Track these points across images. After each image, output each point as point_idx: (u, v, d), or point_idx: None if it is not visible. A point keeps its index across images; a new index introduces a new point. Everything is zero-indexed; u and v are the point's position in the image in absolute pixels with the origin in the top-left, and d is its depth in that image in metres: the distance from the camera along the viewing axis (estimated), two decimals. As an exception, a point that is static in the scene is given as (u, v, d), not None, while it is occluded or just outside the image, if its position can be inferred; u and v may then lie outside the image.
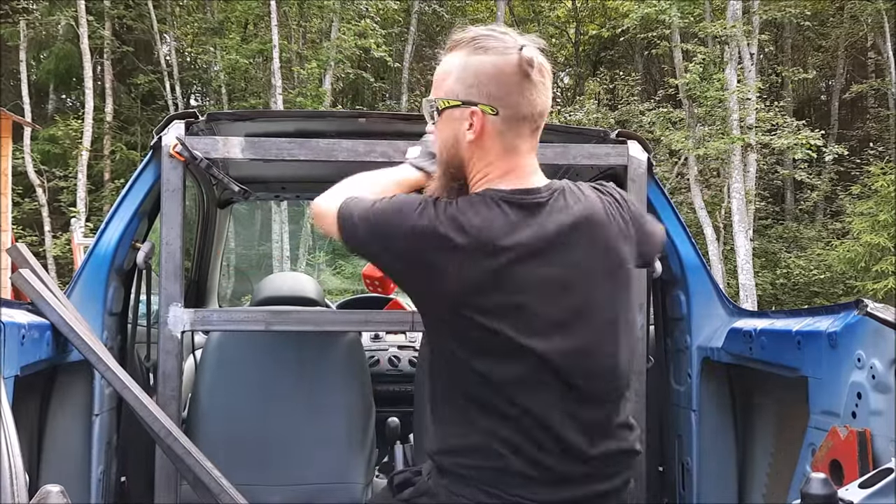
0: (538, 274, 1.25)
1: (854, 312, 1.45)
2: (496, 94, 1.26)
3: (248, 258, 13.78)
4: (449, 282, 1.23)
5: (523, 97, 1.27)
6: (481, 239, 1.23)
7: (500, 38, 1.27)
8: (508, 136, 1.29)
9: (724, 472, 2.04)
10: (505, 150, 1.30)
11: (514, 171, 1.30)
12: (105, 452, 1.88)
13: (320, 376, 2.19)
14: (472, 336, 1.25)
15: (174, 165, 1.85)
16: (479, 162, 1.31)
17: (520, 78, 1.26)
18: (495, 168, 1.30)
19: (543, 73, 1.28)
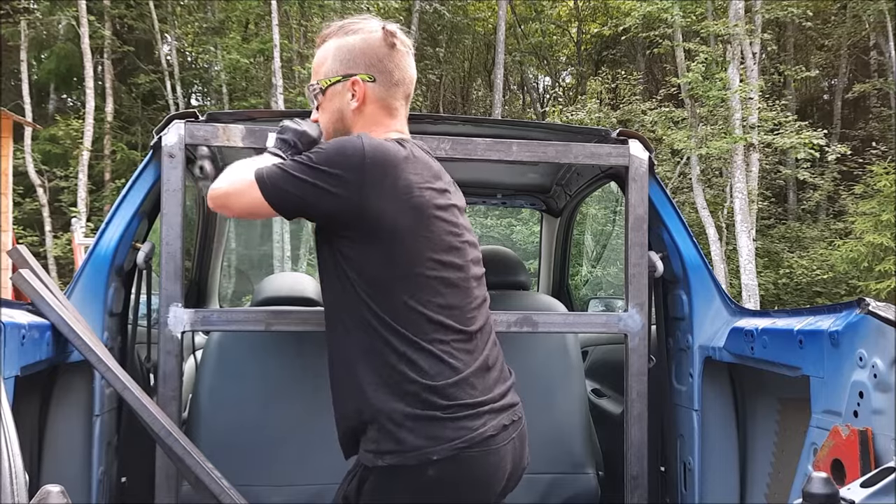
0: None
1: (856, 311, 1.45)
2: (370, 63, 1.48)
3: (249, 258, 13.77)
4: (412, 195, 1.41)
5: (393, 64, 1.49)
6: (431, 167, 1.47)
7: (364, 22, 1.52)
8: (387, 99, 1.50)
9: (725, 471, 2.04)
10: (386, 113, 1.50)
11: (396, 132, 1.50)
12: (105, 453, 1.88)
13: (321, 376, 2.18)
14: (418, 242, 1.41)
15: (174, 165, 1.85)
16: (363, 128, 1.48)
17: (388, 48, 1.49)
18: (380, 131, 1.48)
19: (406, 44, 1.52)
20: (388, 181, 1.35)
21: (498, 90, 19.11)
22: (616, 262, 11.31)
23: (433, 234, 1.40)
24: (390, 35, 1.48)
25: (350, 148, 1.36)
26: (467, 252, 1.47)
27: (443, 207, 1.43)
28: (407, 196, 1.37)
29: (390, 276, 1.37)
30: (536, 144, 1.94)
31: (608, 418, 2.60)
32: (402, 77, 1.50)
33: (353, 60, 1.48)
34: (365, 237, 1.37)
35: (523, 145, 1.92)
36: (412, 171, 1.39)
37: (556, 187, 3.14)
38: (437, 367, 1.36)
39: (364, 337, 1.39)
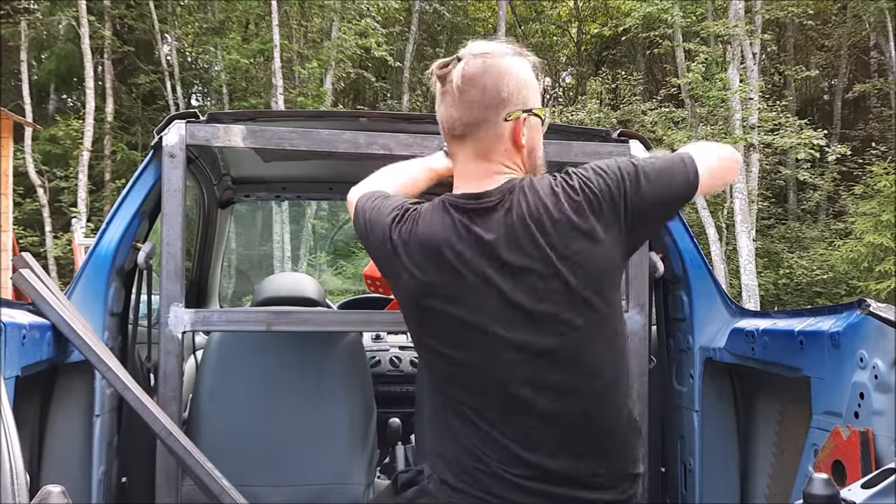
0: (478, 278, 1.27)
1: (856, 312, 1.45)
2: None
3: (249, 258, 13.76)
4: (404, 280, 1.32)
5: (437, 108, 1.35)
6: (421, 243, 1.30)
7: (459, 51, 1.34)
8: (448, 143, 1.38)
9: (726, 472, 2.04)
10: (452, 155, 1.38)
11: (461, 176, 1.36)
12: (106, 453, 1.88)
13: (321, 377, 2.19)
14: (438, 325, 1.31)
15: (175, 165, 1.85)
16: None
17: (437, 89, 1.34)
18: (455, 172, 1.38)
19: (449, 82, 1.30)
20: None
21: (498, 90, 19.05)
22: (616, 263, 11.27)
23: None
24: (437, 70, 1.34)
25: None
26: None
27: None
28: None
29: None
30: None
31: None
32: (442, 120, 1.35)
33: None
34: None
35: None
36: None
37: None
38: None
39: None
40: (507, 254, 1.25)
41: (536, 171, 1.37)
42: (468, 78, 1.28)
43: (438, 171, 1.57)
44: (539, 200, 1.26)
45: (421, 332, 1.35)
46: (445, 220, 1.29)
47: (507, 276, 1.25)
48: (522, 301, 1.25)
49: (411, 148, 1.87)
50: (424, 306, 1.30)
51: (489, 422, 1.28)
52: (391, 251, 1.32)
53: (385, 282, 3.04)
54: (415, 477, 1.47)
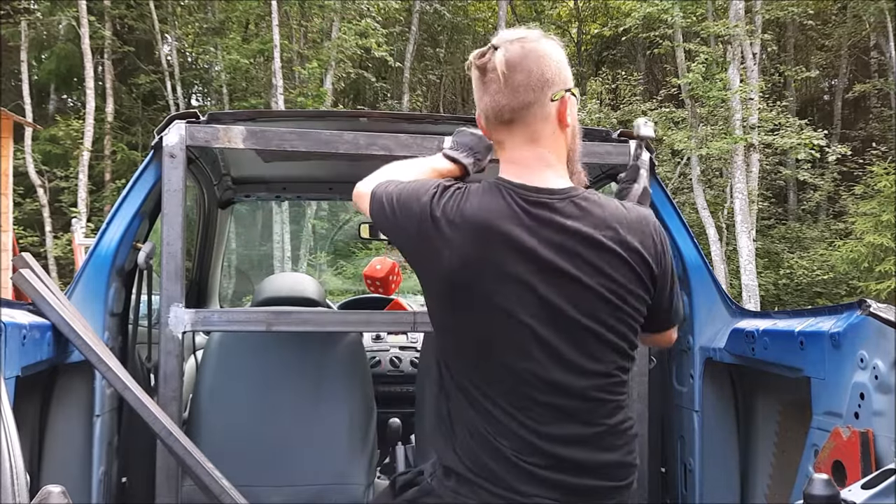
0: (523, 267, 1.28)
1: (857, 313, 1.45)
2: (475, 98, 1.37)
3: (250, 258, 13.76)
4: (445, 256, 1.29)
5: (481, 97, 1.35)
6: (471, 222, 1.28)
7: (492, 40, 1.35)
8: (492, 133, 1.37)
9: (726, 472, 2.03)
10: (498, 146, 1.38)
11: (512, 162, 1.35)
12: (106, 453, 1.88)
13: (321, 377, 2.19)
14: (471, 304, 1.29)
15: (175, 166, 1.85)
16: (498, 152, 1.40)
17: (476, 78, 1.35)
18: (504, 163, 1.37)
19: (493, 69, 1.31)
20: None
21: (498, 90, 19.05)
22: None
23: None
24: (477, 59, 1.34)
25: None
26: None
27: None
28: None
29: None
30: None
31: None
32: (488, 109, 1.35)
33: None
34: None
35: None
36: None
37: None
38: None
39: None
40: (558, 256, 1.27)
41: (575, 151, 1.40)
42: (512, 63, 1.29)
43: (441, 172, 1.58)
44: (601, 220, 1.30)
45: (450, 313, 1.33)
46: (500, 203, 1.30)
47: (552, 276, 1.27)
48: (560, 304, 1.27)
49: (411, 148, 1.87)
50: (462, 283, 1.29)
51: (506, 412, 1.29)
52: (432, 226, 1.30)
53: (385, 282, 3.05)
54: (414, 478, 1.47)
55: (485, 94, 1.33)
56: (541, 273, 1.27)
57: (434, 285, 1.34)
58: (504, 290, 1.27)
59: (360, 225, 3.34)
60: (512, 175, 1.33)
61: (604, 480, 1.32)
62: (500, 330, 1.28)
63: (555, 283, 1.27)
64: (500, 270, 1.27)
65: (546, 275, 1.27)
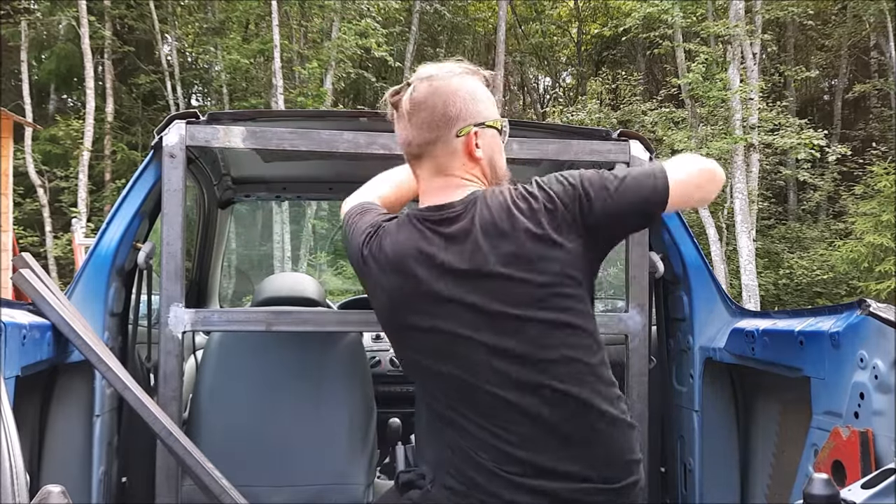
0: (446, 286, 1.32)
1: (857, 312, 1.45)
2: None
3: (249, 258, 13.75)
4: (378, 296, 1.40)
5: (397, 131, 1.43)
6: (391, 259, 1.36)
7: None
8: (410, 164, 1.45)
9: (726, 472, 2.04)
10: (415, 175, 1.45)
11: (425, 192, 1.42)
12: (106, 453, 1.88)
13: (321, 377, 2.19)
14: (415, 338, 1.36)
15: (175, 165, 1.85)
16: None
17: (392, 115, 1.43)
18: (419, 190, 1.45)
19: (399, 107, 1.40)
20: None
21: (498, 90, 19.09)
22: (616, 263, 11.31)
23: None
24: (391, 97, 1.44)
25: None
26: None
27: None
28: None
29: None
30: (537, 142, 1.94)
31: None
32: (400, 143, 1.44)
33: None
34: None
35: (524, 143, 1.92)
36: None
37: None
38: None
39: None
40: (472, 261, 1.30)
41: (500, 180, 1.43)
42: (416, 102, 1.37)
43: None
44: (500, 208, 1.31)
45: (402, 348, 1.41)
46: (412, 233, 1.36)
47: (472, 282, 1.30)
48: (489, 305, 1.29)
49: (411, 148, 1.86)
50: (400, 321, 1.36)
51: (478, 425, 1.31)
52: (365, 269, 1.40)
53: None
54: (416, 480, 1.49)
55: (397, 128, 1.42)
56: (462, 282, 1.30)
57: (381, 321, 1.43)
58: (436, 310, 1.32)
59: (360, 225, 3.34)
60: (423, 203, 1.41)
61: (590, 483, 1.28)
62: (446, 349, 1.32)
63: (479, 287, 1.30)
64: (427, 292, 1.32)
65: (467, 282, 1.30)
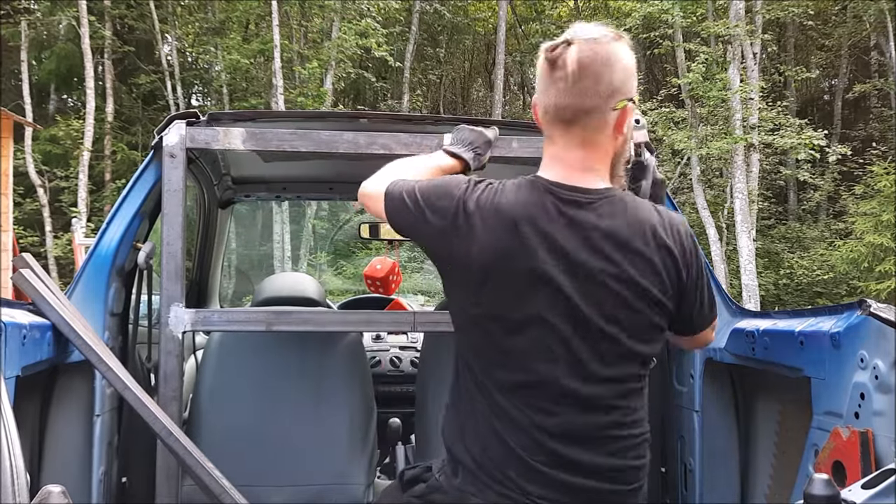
0: (550, 264, 1.28)
1: (857, 313, 1.44)
2: (536, 87, 1.34)
3: (250, 258, 13.76)
4: (474, 249, 1.29)
5: (543, 90, 1.32)
6: (505, 217, 1.28)
7: (566, 33, 1.32)
8: (544, 126, 1.35)
9: (726, 472, 2.03)
10: (546, 140, 1.36)
11: (558, 161, 1.34)
12: (106, 453, 1.88)
13: (322, 377, 2.19)
14: (496, 296, 1.29)
15: (175, 166, 1.85)
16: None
17: (543, 71, 1.31)
18: (546, 158, 1.36)
19: (563, 67, 1.27)
20: None
21: (498, 90, 19.11)
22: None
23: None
24: (548, 52, 1.30)
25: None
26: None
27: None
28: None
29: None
30: (537, 140, 1.94)
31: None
32: (548, 104, 1.32)
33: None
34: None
35: (524, 142, 1.92)
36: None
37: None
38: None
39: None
40: (586, 258, 1.28)
41: (623, 156, 1.40)
42: (583, 64, 1.26)
43: (444, 169, 1.59)
44: (638, 224, 1.31)
45: (477, 308, 1.32)
46: (535, 199, 1.30)
47: (578, 278, 1.28)
48: (584, 307, 1.28)
49: (411, 147, 1.87)
50: (492, 277, 1.29)
51: (518, 408, 1.30)
52: (464, 220, 1.30)
53: (385, 282, 3.04)
54: (421, 474, 1.47)
55: (550, 88, 1.30)
56: (569, 272, 1.28)
57: (462, 280, 1.33)
58: (533, 288, 1.28)
59: (361, 225, 3.35)
60: (552, 174, 1.33)
61: (608, 483, 1.32)
62: (526, 328, 1.29)
63: (581, 284, 1.28)
64: (531, 267, 1.28)
65: (573, 274, 1.28)
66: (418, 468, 1.50)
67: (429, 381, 2.31)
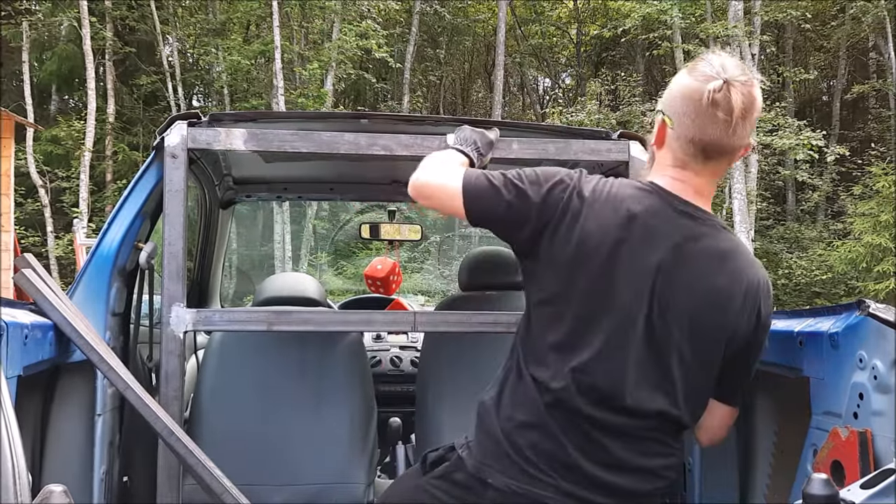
0: (651, 263, 1.36)
1: (856, 313, 1.45)
2: (677, 112, 1.41)
3: (251, 258, 13.77)
4: (577, 231, 1.37)
5: (695, 122, 1.38)
6: (620, 204, 1.37)
7: (711, 65, 1.39)
8: (678, 151, 1.43)
9: (725, 472, 2.04)
10: (674, 161, 1.44)
11: (677, 180, 1.43)
12: (107, 452, 1.88)
13: (322, 376, 2.19)
14: (589, 279, 1.36)
15: (177, 166, 1.85)
16: (657, 164, 1.48)
17: (701, 106, 1.37)
18: (666, 174, 1.45)
19: (730, 110, 1.35)
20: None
21: (498, 91, 19.11)
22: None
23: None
24: (711, 98, 1.35)
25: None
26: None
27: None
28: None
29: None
30: (537, 142, 1.95)
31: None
32: (698, 137, 1.39)
33: (670, 101, 1.45)
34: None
35: (524, 143, 1.93)
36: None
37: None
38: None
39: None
40: (685, 266, 1.37)
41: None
42: (746, 111, 1.36)
43: (464, 165, 1.63)
44: (732, 256, 1.43)
45: (564, 280, 1.38)
46: (652, 199, 1.40)
47: (670, 280, 1.36)
48: (662, 315, 1.36)
49: (412, 148, 1.87)
50: (594, 255, 1.36)
51: (555, 394, 1.37)
52: (577, 201, 1.38)
53: (386, 281, 3.05)
54: (445, 454, 1.50)
55: (707, 125, 1.37)
56: (663, 275, 1.35)
57: (558, 254, 1.39)
58: (628, 277, 1.35)
59: (361, 225, 3.35)
60: (667, 185, 1.42)
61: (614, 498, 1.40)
62: (605, 310, 1.36)
63: (670, 293, 1.35)
64: (633, 257, 1.35)
65: (667, 279, 1.35)
66: (441, 449, 1.54)
67: (429, 380, 2.31)
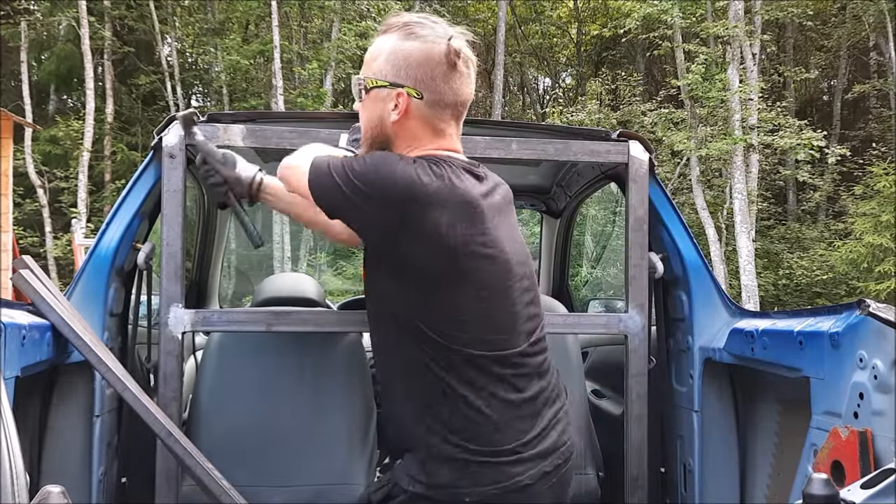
0: (501, 231, 1.40)
1: (856, 313, 1.45)
2: (422, 79, 1.36)
3: (249, 259, 13.76)
4: (451, 234, 1.30)
5: (448, 85, 1.37)
6: (454, 187, 1.33)
7: (430, 27, 1.38)
8: (433, 120, 1.39)
9: (725, 472, 2.04)
10: (433, 132, 1.40)
11: (453, 147, 1.43)
12: (106, 453, 1.88)
13: (321, 377, 2.19)
14: (470, 266, 1.33)
15: (175, 166, 1.85)
16: (404, 141, 1.40)
17: (446, 67, 1.35)
18: (425, 147, 1.40)
19: (469, 64, 1.39)
20: (414, 222, 1.29)
21: (498, 91, 19.11)
22: (616, 263, 11.31)
23: (469, 276, 1.33)
24: (454, 53, 1.34)
25: (387, 176, 1.31)
26: (514, 289, 1.39)
27: (478, 243, 1.34)
28: (436, 238, 1.29)
29: (426, 316, 1.34)
30: (536, 142, 1.95)
31: (608, 419, 2.60)
32: (453, 100, 1.38)
33: (405, 70, 1.36)
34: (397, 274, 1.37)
35: (523, 143, 1.92)
36: (441, 208, 1.29)
37: (556, 188, 3.14)
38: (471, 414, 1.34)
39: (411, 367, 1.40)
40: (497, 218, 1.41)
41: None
42: (472, 57, 1.40)
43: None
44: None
45: (464, 286, 1.33)
46: (471, 180, 1.38)
47: (504, 235, 1.42)
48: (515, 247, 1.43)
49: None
50: (468, 256, 1.34)
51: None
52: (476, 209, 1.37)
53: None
54: (390, 491, 1.44)
55: (460, 82, 1.40)
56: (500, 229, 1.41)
57: (447, 260, 1.35)
58: (496, 249, 1.37)
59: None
60: (455, 157, 1.44)
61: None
62: (500, 289, 1.38)
63: (508, 238, 1.44)
64: (491, 234, 1.37)
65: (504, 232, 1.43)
66: (385, 487, 1.46)
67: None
